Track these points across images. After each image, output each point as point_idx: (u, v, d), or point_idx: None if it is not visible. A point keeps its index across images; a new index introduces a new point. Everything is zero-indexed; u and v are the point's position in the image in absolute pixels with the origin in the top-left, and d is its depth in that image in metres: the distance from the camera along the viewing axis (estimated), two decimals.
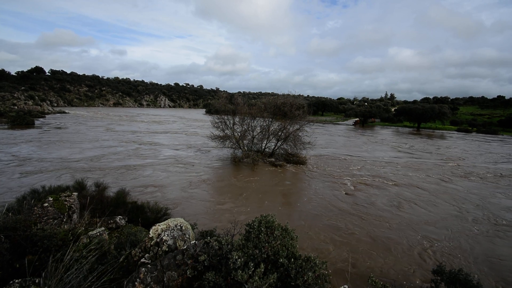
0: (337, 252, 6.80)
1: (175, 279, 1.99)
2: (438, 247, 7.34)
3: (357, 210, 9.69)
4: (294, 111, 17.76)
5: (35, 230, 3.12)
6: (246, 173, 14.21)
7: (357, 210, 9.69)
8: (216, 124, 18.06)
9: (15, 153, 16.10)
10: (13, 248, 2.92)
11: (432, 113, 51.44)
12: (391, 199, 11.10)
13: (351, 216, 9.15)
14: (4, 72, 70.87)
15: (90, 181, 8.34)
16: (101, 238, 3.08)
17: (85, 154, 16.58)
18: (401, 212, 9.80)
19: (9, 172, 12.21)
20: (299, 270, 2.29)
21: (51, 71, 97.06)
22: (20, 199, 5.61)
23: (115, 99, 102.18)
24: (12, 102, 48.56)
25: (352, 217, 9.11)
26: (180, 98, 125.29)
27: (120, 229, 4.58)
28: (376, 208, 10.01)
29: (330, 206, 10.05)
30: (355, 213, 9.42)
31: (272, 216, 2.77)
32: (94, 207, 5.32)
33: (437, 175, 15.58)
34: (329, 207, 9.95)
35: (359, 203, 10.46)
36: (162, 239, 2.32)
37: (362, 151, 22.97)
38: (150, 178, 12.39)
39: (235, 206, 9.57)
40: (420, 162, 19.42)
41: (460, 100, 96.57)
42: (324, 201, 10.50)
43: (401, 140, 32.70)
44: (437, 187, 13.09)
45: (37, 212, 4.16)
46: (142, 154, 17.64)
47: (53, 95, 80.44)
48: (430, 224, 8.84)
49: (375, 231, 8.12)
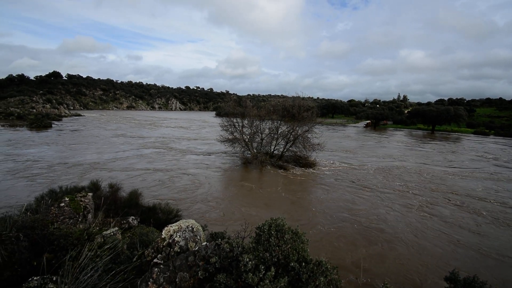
0: (348, 256, 6.68)
1: (187, 280, 2.01)
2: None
3: (367, 219, 9.50)
4: (302, 113, 17.67)
5: (52, 229, 3.22)
6: (255, 176, 14.21)
7: (367, 219, 9.50)
8: (225, 127, 18.19)
9: (38, 153, 16.76)
10: (31, 247, 3.03)
11: (448, 115, 49.80)
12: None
13: (360, 228, 8.97)
14: (24, 76, 74.22)
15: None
16: (114, 238, 3.15)
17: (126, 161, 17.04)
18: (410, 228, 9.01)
19: (36, 171, 12.72)
20: (311, 275, 2.27)
21: (67, 76, 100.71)
22: (38, 198, 5.83)
23: (128, 103, 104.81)
24: (31, 105, 50.71)
25: (365, 229, 8.93)
26: (191, 101, 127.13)
27: (132, 229, 4.68)
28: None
29: (341, 211, 9.89)
30: (368, 227, 9.23)
31: (282, 219, 2.75)
32: (107, 208, 5.46)
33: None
34: (340, 212, 9.80)
35: (369, 214, 10.25)
36: (174, 240, 2.35)
37: (384, 157, 22.46)
38: (165, 185, 12.58)
39: (244, 209, 9.57)
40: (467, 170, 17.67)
41: (477, 102, 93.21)
42: (334, 205, 10.34)
43: (425, 145, 31.84)
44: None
45: (54, 212, 4.30)
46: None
47: (70, 99, 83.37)
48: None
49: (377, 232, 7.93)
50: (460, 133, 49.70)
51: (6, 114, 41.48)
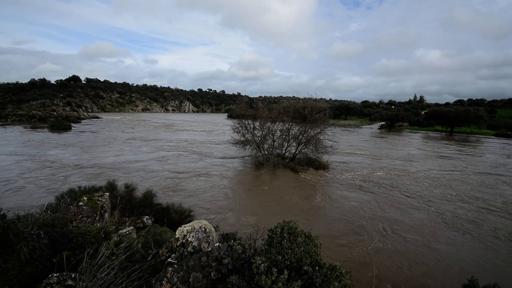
0: (360, 260, 6.51)
1: (200, 280, 2.02)
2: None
3: (382, 220, 9.24)
4: (314, 114, 17.48)
5: (71, 227, 3.34)
6: (267, 178, 14.18)
7: (382, 220, 9.24)
8: (237, 128, 18.27)
9: (59, 154, 17.51)
10: (51, 244, 3.14)
11: (467, 117, 47.66)
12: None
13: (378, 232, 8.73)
14: (45, 80, 77.90)
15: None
16: (130, 237, 3.22)
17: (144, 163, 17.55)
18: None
19: (55, 171, 13.30)
20: (324, 279, 2.22)
21: (86, 79, 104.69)
22: (58, 197, 6.07)
23: (143, 105, 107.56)
24: (52, 108, 53.13)
25: (384, 235, 8.69)
26: (203, 103, 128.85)
27: (147, 229, 4.78)
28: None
29: (353, 215, 9.68)
30: (381, 230, 8.98)
31: (294, 222, 2.72)
32: (123, 207, 5.61)
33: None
34: (352, 216, 9.59)
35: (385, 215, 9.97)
36: (187, 240, 2.37)
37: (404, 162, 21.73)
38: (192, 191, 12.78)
39: (257, 211, 9.56)
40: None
41: (498, 102, 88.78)
42: (347, 209, 10.14)
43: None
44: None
45: (73, 211, 4.46)
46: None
47: (88, 102, 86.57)
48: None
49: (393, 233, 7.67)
50: (480, 135, 47.48)
51: (28, 116, 43.65)
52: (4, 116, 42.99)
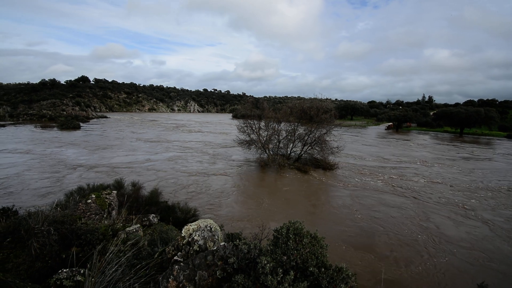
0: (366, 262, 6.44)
1: (206, 279, 2.03)
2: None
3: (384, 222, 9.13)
4: (320, 115, 17.36)
5: (80, 224, 3.40)
6: (272, 178, 14.15)
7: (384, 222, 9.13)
8: (242, 128, 18.30)
9: (67, 153, 17.87)
10: (60, 240, 3.20)
11: (478, 118, 46.52)
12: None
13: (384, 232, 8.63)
14: (55, 81, 79.70)
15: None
16: (136, 234, 3.26)
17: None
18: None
19: (64, 169, 13.57)
20: (330, 281, 2.21)
21: (95, 80, 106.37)
22: (68, 195, 6.20)
23: (150, 105, 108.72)
24: (62, 108, 54.22)
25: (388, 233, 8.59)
26: (209, 103, 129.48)
27: (153, 227, 4.83)
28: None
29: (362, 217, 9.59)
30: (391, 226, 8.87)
31: (300, 223, 2.71)
32: (130, 205, 5.68)
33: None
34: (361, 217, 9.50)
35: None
36: (193, 239, 2.39)
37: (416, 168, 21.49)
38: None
39: (261, 211, 9.56)
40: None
41: (510, 103, 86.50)
42: (355, 211, 10.05)
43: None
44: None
45: (82, 208, 4.54)
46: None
47: (96, 102, 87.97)
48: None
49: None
50: (491, 137, 46.36)
51: (39, 116, 44.63)
52: (16, 116, 44.06)
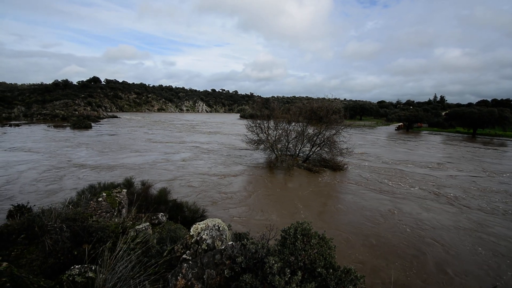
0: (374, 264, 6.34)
1: (214, 277, 2.04)
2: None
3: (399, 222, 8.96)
4: (330, 115, 17.20)
5: (91, 221, 3.48)
6: (281, 178, 14.11)
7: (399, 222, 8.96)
8: (251, 128, 18.33)
9: (80, 153, 18.32)
10: (72, 237, 3.29)
11: (491, 118, 45.07)
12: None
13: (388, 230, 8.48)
14: (68, 81, 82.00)
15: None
16: (146, 232, 3.31)
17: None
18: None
19: (77, 168, 13.92)
20: (338, 282, 2.18)
21: (106, 80, 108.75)
22: (80, 193, 6.35)
23: (159, 105, 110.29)
24: (74, 108, 55.69)
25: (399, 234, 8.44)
26: (217, 104, 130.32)
27: (161, 225, 4.90)
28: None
29: (370, 218, 9.45)
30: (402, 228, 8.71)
31: (308, 223, 2.69)
32: (140, 203, 5.78)
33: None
34: (369, 218, 9.36)
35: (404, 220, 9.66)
36: (201, 238, 2.41)
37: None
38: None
39: (269, 211, 9.54)
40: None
41: None
42: (365, 212, 9.91)
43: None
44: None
45: (93, 206, 4.64)
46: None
47: (107, 102, 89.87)
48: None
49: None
50: (505, 138, 44.82)
51: (52, 115, 45.95)
52: (30, 115, 45.48)
